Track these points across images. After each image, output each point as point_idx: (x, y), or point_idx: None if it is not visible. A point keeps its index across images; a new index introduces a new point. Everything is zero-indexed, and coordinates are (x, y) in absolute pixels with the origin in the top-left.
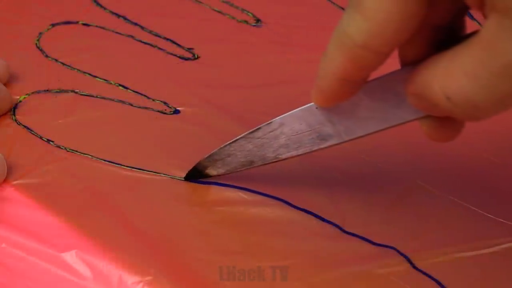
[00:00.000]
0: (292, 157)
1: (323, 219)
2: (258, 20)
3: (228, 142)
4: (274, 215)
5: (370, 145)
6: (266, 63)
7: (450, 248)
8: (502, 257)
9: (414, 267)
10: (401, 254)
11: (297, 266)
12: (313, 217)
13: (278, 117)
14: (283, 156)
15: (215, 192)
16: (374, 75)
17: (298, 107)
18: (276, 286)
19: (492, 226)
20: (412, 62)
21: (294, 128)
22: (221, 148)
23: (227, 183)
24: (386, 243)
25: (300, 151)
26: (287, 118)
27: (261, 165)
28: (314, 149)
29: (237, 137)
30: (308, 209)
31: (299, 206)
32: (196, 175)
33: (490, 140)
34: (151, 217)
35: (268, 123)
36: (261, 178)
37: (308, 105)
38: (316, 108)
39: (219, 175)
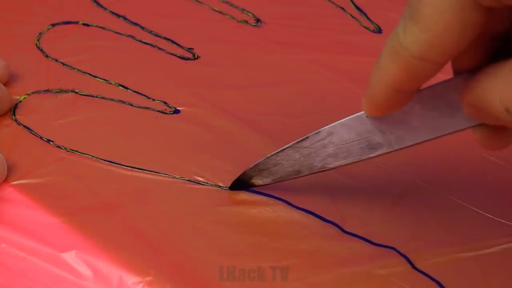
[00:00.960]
0: (340, 166)
1: (323, 219)
2: (258, 20)
3: (274, 152)
4: (274, 215)
5: None
6: (266, 63)
7: (450, 248)
8: (502, 257)
9: (414, 267)
10: (401, 254)
11: (297, 266)
12: (313, 217)
13: (327, 126)
14: (331, 166)
15: (215, 193)
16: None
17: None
18: (276, 286)
19: (492, 226)
20: (466, 70)
21: (343, 137)
22: (267, 157)
23: (227, 186)
24: (386, 243)
25: (348, 160)
26: (336, 127)
27: (308, 174)
28: (362, 158)
29: (284, 147)
30: (308, 209)
31: (299, 206)
32: (241, 185)
33: None
34: (151, 217)
35: (316, 132)
36: None
37: (358, 114)
38: (366, 117)
39: (265, 185)
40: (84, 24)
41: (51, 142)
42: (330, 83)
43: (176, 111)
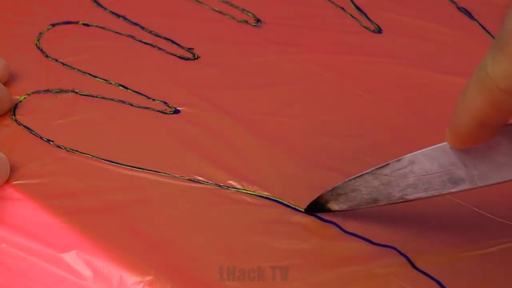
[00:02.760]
0: (420, 199)
1: (323, 219)
2: (258, 20)
3: (353, 177)
4: (274, 215)
5: (370, 144)
6: (266, 63)
7: (450, 248)
8: (502, 257)
9: (414, 267)
10: (401, 254)
11: (297, 266)
12: (313, 217)
13: (409, 155)
14: (410, 197)
15: (216, 193)
16: None
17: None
18: (276, 286)
19: (492, 226)
20: None
21: (424, 167)
22: (345, 182)
23: (227, 185)
24: (386, 243)
25: (428, 193)
26: (418, 156)
27: (385, 204)
28: (443, 192)
29: (363, 172)
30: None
31: (298, 206)
32: (317, 208)
33: None
34: (151, 217)
35: (398, 160)
36: (261, 180)
37: (441, 144)
38: (450, 148)
39: (341, 211)
40: (84, 24)
41: (51, 142)
42: (330, 83)
43: (176, 111)
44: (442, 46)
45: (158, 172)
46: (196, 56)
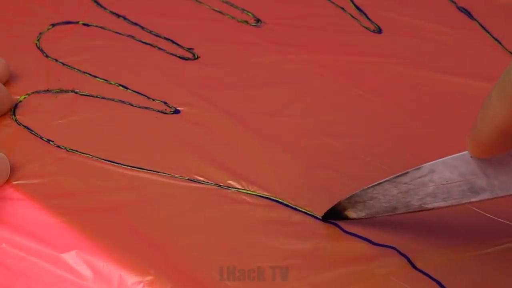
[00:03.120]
0: (439, 208)
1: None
2: (258, 20)
3: (372, 185)
4: (274, 215)
5: (370, 144)
6: (266, 63)
7: (450, 248)
8: (502, 257)
9: (414, 267)
10: (401, 254)
11: (297, 266)
12: (313, 217)
13: (428, 163)
14: (429, 206)
15: (216, 193)
16: None
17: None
18: (276, 286)
19: (492, 226)
20: None
21: (444, 176)
22: (363, 190)
23: (227, 185)
24: (386, 243)
25: (448, 203)
26: (438, 164)
27: (404, 213)
28: (463, 202)
29: (382, 180)
30: (308, 210)
31: (299, 206)
32: (335, 215)
33: None
34: (151, 217)
35: (417, 168)
36: (261, 180)
37: (462, 153)
38: (471, 157)
39: (359, 219)
40: (84, 24)
41: (51, 142)
42: (330, 83)
43: (176, 111)
44: (442, 46)
45: (158, 172)
46: (196, 56)
